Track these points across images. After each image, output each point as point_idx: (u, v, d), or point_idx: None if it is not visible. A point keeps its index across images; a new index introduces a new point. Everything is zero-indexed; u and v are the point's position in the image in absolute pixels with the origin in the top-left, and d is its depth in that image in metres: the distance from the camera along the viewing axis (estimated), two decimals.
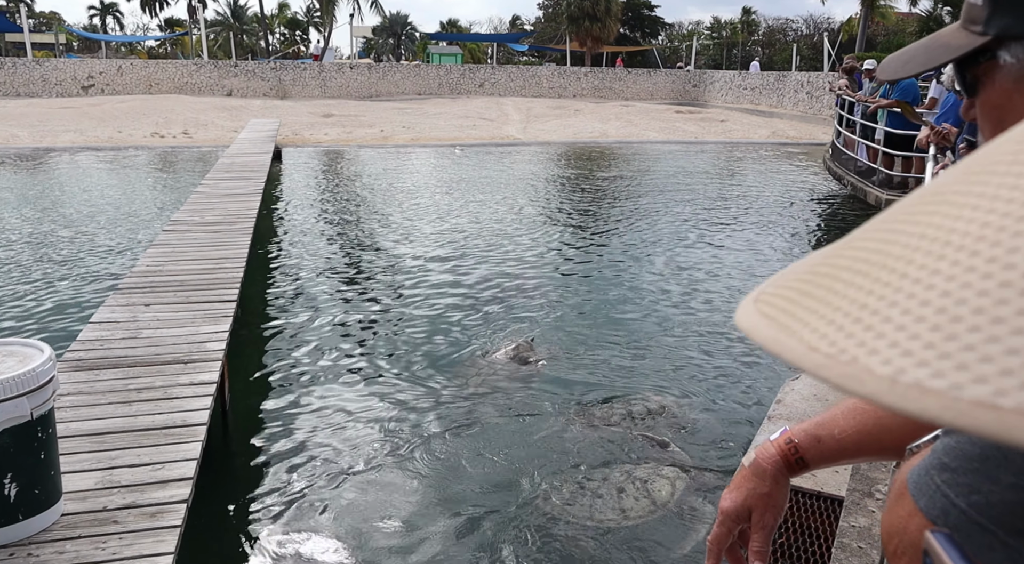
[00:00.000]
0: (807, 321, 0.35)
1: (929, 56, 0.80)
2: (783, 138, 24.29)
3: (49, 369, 2.80)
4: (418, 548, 3.89)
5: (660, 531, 4.06)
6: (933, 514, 0.62)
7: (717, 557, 1.11)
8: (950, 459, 0.62)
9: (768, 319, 0.37)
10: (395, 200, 13.43)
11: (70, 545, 2.78)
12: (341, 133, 23.26)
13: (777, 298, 0.39)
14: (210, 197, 9.77)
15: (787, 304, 0.38)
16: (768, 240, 10.73)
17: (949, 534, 0.47)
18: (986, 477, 0.59)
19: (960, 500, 0.60)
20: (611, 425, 5.18)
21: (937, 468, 0.63)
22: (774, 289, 0.40)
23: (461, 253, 9.70)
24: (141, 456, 3.39)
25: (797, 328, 0.35)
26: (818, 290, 0.37)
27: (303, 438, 4.98)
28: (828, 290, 0.36)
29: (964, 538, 0.60)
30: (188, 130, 22.76)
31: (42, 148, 19.50)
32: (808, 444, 1.09)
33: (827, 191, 14.79)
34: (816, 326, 0.35)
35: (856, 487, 3.19)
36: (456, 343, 6.64)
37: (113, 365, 4.39)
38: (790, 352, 0.35)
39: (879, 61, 11.43)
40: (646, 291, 8.30)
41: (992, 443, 0.59)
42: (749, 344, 6.76)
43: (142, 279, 6.10)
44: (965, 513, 0.59)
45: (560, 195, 14.37)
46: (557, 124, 26.66)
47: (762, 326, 0.37)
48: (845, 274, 0.36)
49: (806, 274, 0.39)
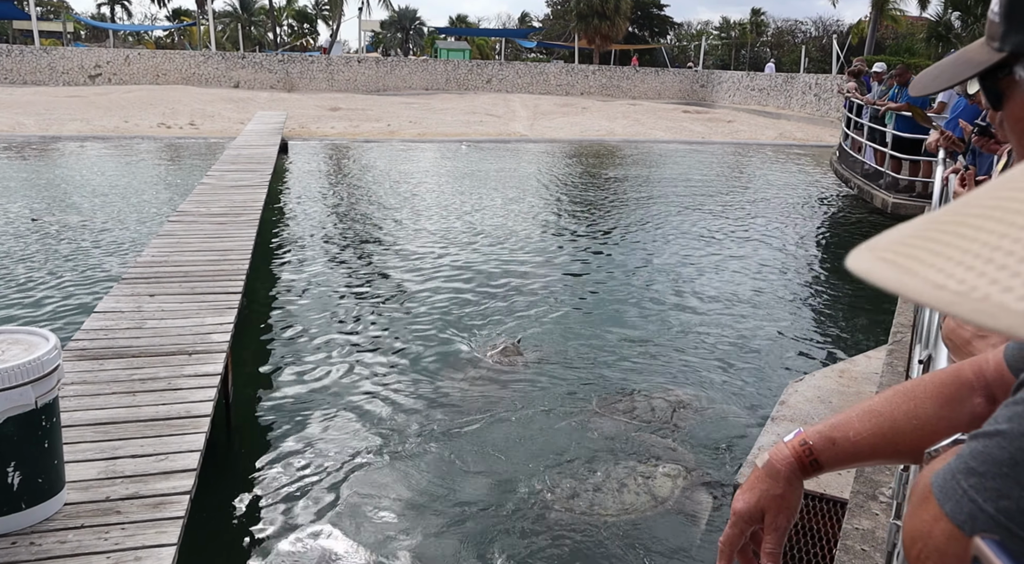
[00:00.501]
0: (932, 263, 0.39)
1: (955, 71, 0.82)
2: (790, 140, 24.23)
3: (54, 358, 2.80)
4: (417, 540, 3.88)
5: (660, 527, 4.05)
6: (960, 519, 0.61)
7: (729, 558, 1.10)
8: (978, 463, 0.61)
9: (888, 263, 0.41)
10: (401, 195, 13.42)
11: (72, 535, 2.77)
12: (348, 127, 23.25)
13: (897, 245, 0.42)
14: (216, 188, 9.76)
15: (909, 250, 0.41)
16: (773, 241, 10.71)
17: (1000, 541, 0.46)
18: (1016, 482, 0.58)
19: (988, 505, 0.59)
20: (613, 422, 5.17)
21: (964, 472, 0.62)
22: (890, 240, 0.43)
23: (466, 249, 9.69)
24: (144, 446, 3.39)
25: (921, 270, 0.39)
26: (943, 237, 0.40)
27: (305, 430, 4.98)
28: (955, 236, 0.40)
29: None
30: (195, 121, 22.76)
31: (48, 136, 19.52)
32: (823, 446, 1.08)
33: (833, 193, 14.75)
34: (942, 267, 0.38)
35: (860, 490, 3.18)
36: (459, 338, 6.64)
37: (117, 355, 4.39)
38: (915, 291, 0.38)
39: (888, 64, 11.38)
40: (650, 291, 8.28)
41: (1023, 448, 0.58)
42: (753, 346, 6.74)
43: (147, 269, 6.10)
44: (993, 518, 0.58)
45: (566, 193, 14.35)
46: (564, 121, 26.62)
47: (882, 269, 0.41)
48: (973, 221, 0.40)
49: (927, 226, 0.42)
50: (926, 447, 0.86)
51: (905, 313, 5.31)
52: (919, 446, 0.93)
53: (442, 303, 7.58)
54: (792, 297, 8.31)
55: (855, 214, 12.79)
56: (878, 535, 2.90)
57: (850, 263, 0.43)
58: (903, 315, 5.29)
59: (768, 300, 8.12)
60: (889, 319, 5.51)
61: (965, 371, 1.01)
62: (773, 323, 7.42)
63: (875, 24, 35.84)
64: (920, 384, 1.04)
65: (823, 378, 5.39)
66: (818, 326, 7.53)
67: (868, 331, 7.27)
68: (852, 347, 6.76)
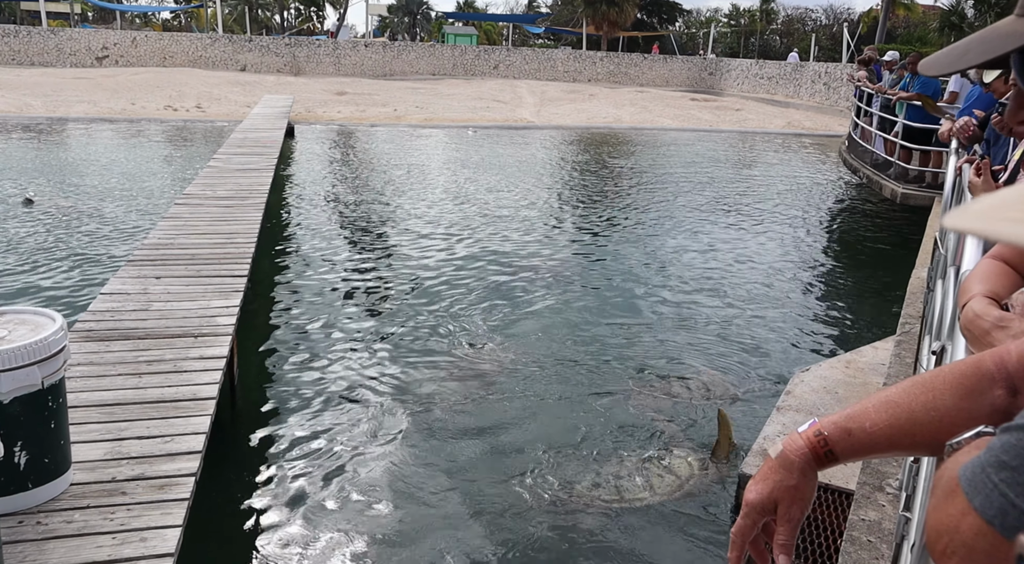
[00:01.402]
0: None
1: (985, 47, 0.78)
2: (798, 129, 24.09)
3: (60, 339, 2.80)
4: (420, 522, 3.89)
5: (662, 518, 4.05)
6: (989, 514, 0.59)
7: (740, 549, 1.08)
8: (1010, 457, 0.59)
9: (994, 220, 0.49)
10: (407, 180, 13.38)
11: (78, 515, 2.78)
12: (354, 111, 23.17)
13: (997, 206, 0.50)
14: (222, 171, 9.74)
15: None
16: (779, 231, 10.66)
17: None
18: None
19: (1021, 500, 0.57)
20: (617, 410, 5.16)
21: (995, 466, 0.61)
22: (989, 204, 0.51)
23: (474, 235, 9.67)
24: (150, 428, 3.39)
25: None
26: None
27: (310, 413, 4.98)
28: None
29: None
30: (201, 104, 22.71)
31: (56, 118, 19.50)
32: (838, 437, 1.06)
33: (841, 183, 14.67)
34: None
35: (866, 481, 3.16)
36: (465, 323, 6.63)
37: (123, 337, 4.39)
38: None
39: (900, 53, 11.25)
40: (655, 279, 8.25)
41: None
42: (759, 335, 6.72)
43: (153, 252, 6.09)
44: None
45: (572, 180, 14.30)
46: (571, 108, 26.49)
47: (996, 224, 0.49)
48: None
49: None
50: (944, 439, 0.84)
51: (914, 304, 5.28)
52: (937, 438, 0.91)
53: (448, 287, 7.56)
54: (798, 287, 8.28)
55: (863, 204, 12.72)
56: (884, 526, 2.89)
57: (951, 223, 0.50)
58: (912, 306, 5.26)
59: (774, 290, 8.09)
60: (897, 310, 5.48)
61: (986, 362, 0.98)
62: (779, 313, 7.40)
63: (887, 12, 35.50)
64: (939, 375, 1.01)
65: (829, 368, 5.37)
66: (825, 316, 7.50)
67: (875, 322, 7.24)
68: (859, 338, 6.73)
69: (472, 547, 3.76)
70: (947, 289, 2.58)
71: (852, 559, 2.77)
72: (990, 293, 1.40)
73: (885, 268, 8.97)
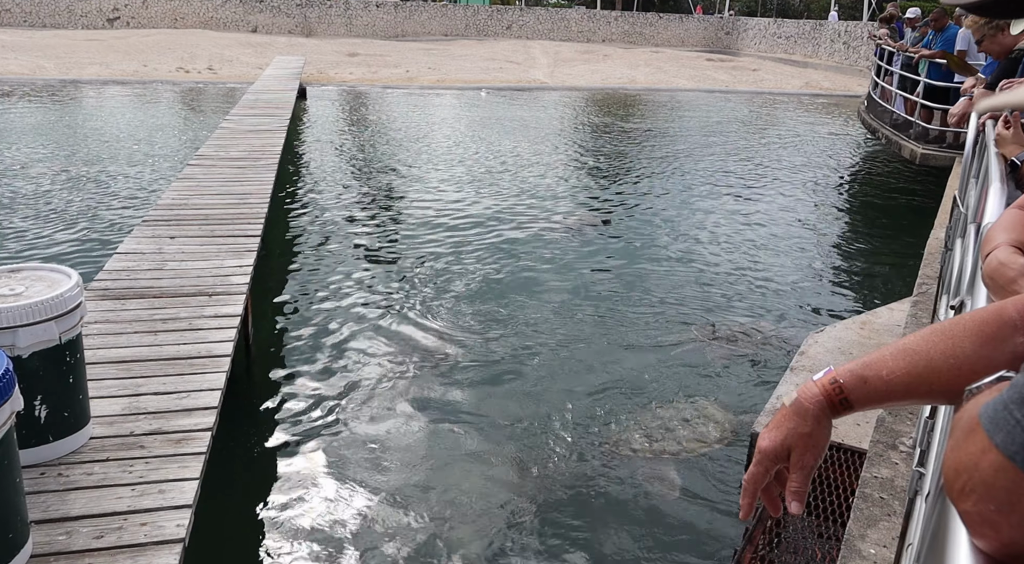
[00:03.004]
0: None
1: None
2: (817, 89, 23.69)
3: (76, 295, 2.82)
4: (440, 480, 3.93)
5: (675, 474, 4.08)
6: (1012, 450, 0.58)
7: (753, 496, 1.08)
8: None
9: None
10: (418, 141, 13.30)
11: (98, 467, 2.83)
12: (366, 73, 22.97)
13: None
14: (235, 133, 9.71)
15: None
16: (796, 193, 10.54)
17: None
18: None
19: None
20: (627, 370, 5.18)
21: (1018, 402, 0.59)
22: None
23: (488, 195, 9.62)
24: (166, 384, 3.43)
25: None
26: None
27: (323, 371, 5.03)
28: None
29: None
30: (213, 66, 22.58)
31: (68, 80, 19.46)
32: (854, 384, 1.04)
33: (860, 145, 14.46)
34: None
35: (880, 439, 3.16)
36: (481, 280, 6.63)
37: (139, 295, 4.42)
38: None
39: (923, 10, 10.96)
40: (671, 239, 8.21)
41: None
42: (774, 296, 6.69)
43: (167, 212, 6.11)
44: None
45: (586, 141, 14.16)
46: (585, 69, 26.14)
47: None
48: None
49: None
50: (962, 387, 0.83)
51: (931, 265, 5.22)
52: (955, 386, 0.89)
53: (463, 244, 7.56)
54: (813, 249, 8.21)
55: (882, 166, 12.55)
56: (897, 483, 2.89)
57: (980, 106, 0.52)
58: (929, 266, 5.20)
59: (789, 251, 8.03)
60: (914, 272, 5.42)
61: (1008, 309, 0.96)
62: (795, 274, 7.35)
63: None
64: (959, 323, 0.99)
65: (844, 329, 5.34)
66: (841, 278, 7.45)
67: (892, 283, 7.18)
68: (875, 299, 6.69)
69: (494, 488, 3.81)
70: (967, 246, 2.54)
71: (864, 515, 2.78)
72: (1015, 242, 1.37)
73: (903, 230, 8.88)
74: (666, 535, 3.67)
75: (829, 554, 3.42)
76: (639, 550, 3.56)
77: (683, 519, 3.78)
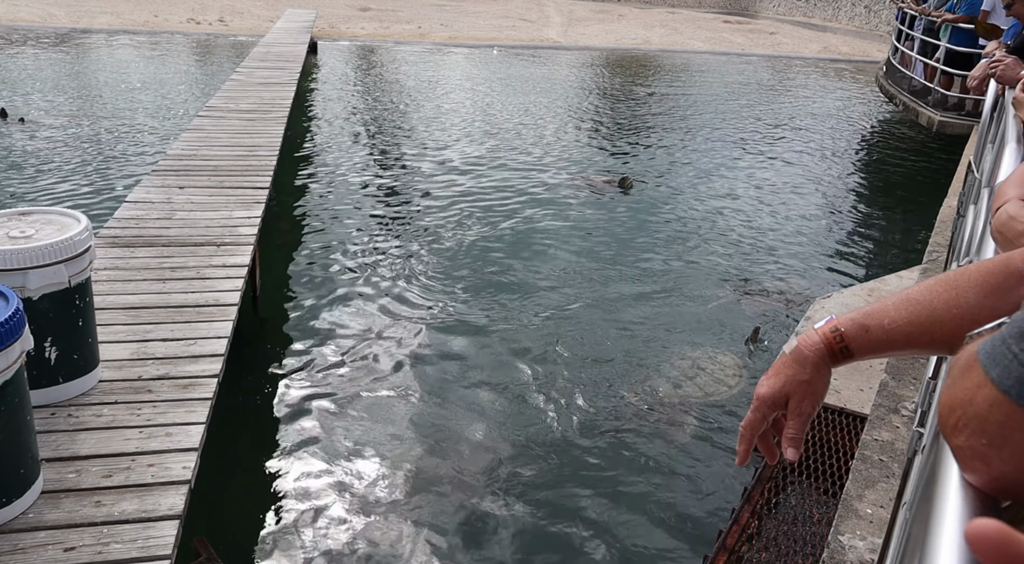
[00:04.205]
0: None
1: None
2: (835, 54, 23.27)
3: (86, 239, 2.83)
4: (450, 428, 3.98)
5: (689, 416, 4.12)
6: (1007, 384, 0.58)
7: (749, 443, 1.09)
8: None
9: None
10: (429, 100, 13.18)
11: (107, 409, 2.87)
12: (378, 28, 22.68)
13: None
14: (245, 85, 9.64)
15: None
16: (808, 158, 10.44)
17: None
18: None
19: None
20: (631, 341, 5.20)
21: (1016, 337, 0.59)
22: None
23: (498, 154, 9.56)
24: (174, 331, 3.46)
25: None
26: None
27: (329, 323, 5.07)
28: None
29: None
30: (224, 17, 22.33)
31: (79, 29, 19.29)
32: (855, 333, 1.04)
33: (877, 111, 14.25)
34: None
35: (882, 403, 3.17)
36: (486, 237, 6.62)
37: (148, 244, 4.44)
38: None
39: None
40: (680, 204, 8.16)
41: None
42: (782, 261, 6.66)
43: (177, 162, 6.10)
44: None
45: (599, 103, 14.00)
46: (599, 29, 25.73)
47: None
48: None
49: None
50: (963, 338, 0.83)
51: (943, 232, 5.18)
52: (956, 336, 0.89)
53: (471, 204, 7.53)
54: (826, 215, 8.16)
55: (899, 133, 12.39)
56: (897, 446, 2.91)
57: None
58: (941, 234, 5.16)
59: (800, 216, 7.98)
60: (924, 241, 5.39)
61: (1015, 260, 0.95)
62: (805, 239, 7.31)
63: None
64: (964, 273, 0.99)
65: (851, 296, 5.33)
66: (851, 244, 7.41)
67: (903, 251, 7.14)
68: (885, 266, 6.66)
69: (501, 444, 3.86)
70: (979, 211, 2.52)
71: (862, 476, 2.80)
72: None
73: (917, 198, 8.79)
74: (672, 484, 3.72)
75: (827, 515, 3.46)
76: (641, 498, 3.61)
77: (690, 468, 3.83)
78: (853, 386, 4.24)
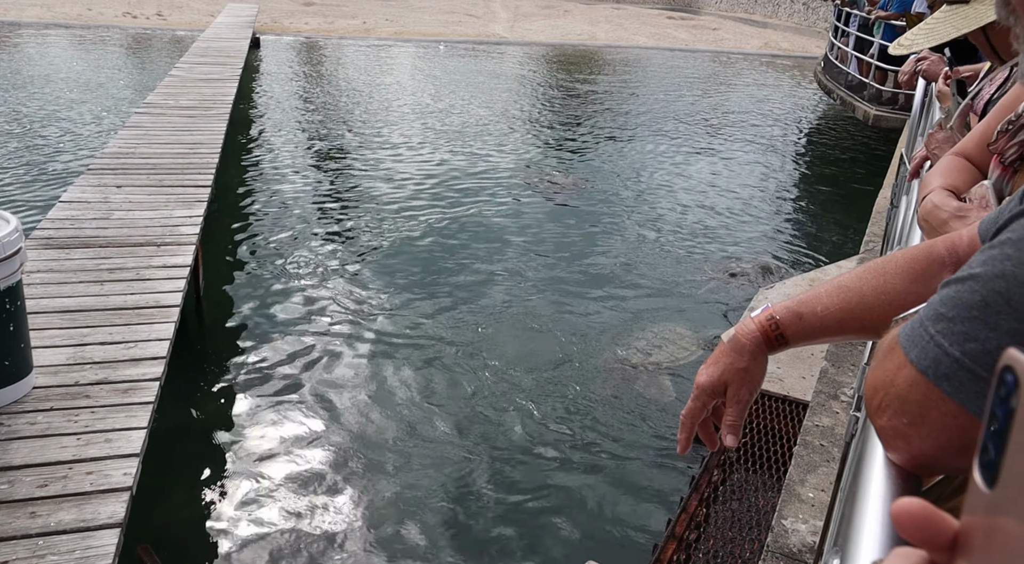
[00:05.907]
0: None
1: None
2: (775, 50, 23.77)
3: (16, 240, 2.73)
4: (396, 423, 3.96)
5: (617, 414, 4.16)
6: (924, 364, 0.60)
7: (690, 431, 1.11)
8: (947, 309, 0.60)
9: None
10: (374, 95, 13.06)
11: (42, 417, 2.78)
12: (322, 23, 22.37)
13: None
14: (185, 81, 9.41)
15: None
16: (749, 152, 10.64)
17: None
18: (984, 324, 0.57)
19: (954, 348, 0.58)
20: (589, 336, 5.24)
21: (932, 319, 0.61)
22: None
23: (441, 151, 9.52)
24: (113, 334, 3.37)
25: None
26: None
27: (274, 322, 4.99)
28: None
29: (954, 388, 0.59)
30: (162, 12, 21.75)
31: (6, 22, 18.58)
32: (789, 320, 1.07)
33: (815, 106, 14.60)
34: None
35: (822, 390, 3.26)
36: (429, 236, 6.60)
37: (84, 245, 4.30)
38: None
39: None
40: (621, 200, 8.24)
41: (996, 289, 0.57)
42: (725, 253, 6.78)
43: (114, 160, 5.92)
44: (958, 361, 0.58)
45: (543, 99, 14.05)
46: (545, 24, 25.81)
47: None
48: None
49: None
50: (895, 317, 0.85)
51: (878, 223, 5.34)
52: (885, 321, 0.92)
53: (415, 200, 7.49)
54: (766, 208, 8.33)
55: (834, 126, 12.71)
56: (837, 431, 2.99)
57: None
58: (876, 225, 5.32)
59: (742, 209, 8.13)
60: (862, 231, 5.54)
61: (938, 247, 0.99)
62: (747, 232, 7.46)
63: None
64: (891, 260, 1.02)
65: (793, 286, 5.47)
66: (791, 236, 7.58)
67: (841, 241, 7.34)
68: (823, 256, 6.83)
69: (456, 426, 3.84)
70: (910, 202, 2.60)
71: (804, 462, 2.88)
72: (950, 186, 1.41)
73: (854, 190, 9.04)
74: (624, 476, 3.76)
75: (771, 501, 3.54)
76: (593, 490, 3.64)
77: (640, 460, 3.88)
78: (795, 374, 4.34)
